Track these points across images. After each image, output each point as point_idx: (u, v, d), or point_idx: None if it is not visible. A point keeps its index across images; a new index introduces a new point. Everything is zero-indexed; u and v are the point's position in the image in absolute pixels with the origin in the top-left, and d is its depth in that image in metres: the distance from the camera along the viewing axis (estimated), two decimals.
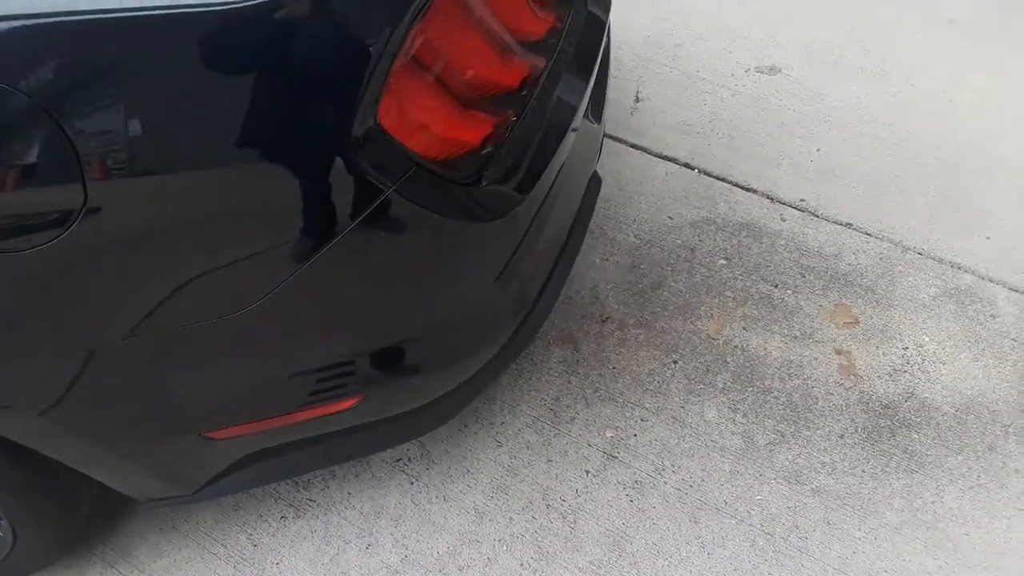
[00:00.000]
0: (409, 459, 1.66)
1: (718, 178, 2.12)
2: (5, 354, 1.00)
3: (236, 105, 0.88)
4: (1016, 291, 1.86)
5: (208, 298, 1.02)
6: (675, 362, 1.77)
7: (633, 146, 2.21)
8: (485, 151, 1.09)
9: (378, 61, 0.91)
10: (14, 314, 0.96)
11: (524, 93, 1.14)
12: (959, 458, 1.61)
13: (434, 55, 0.99)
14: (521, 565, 1.52)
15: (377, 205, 0.99)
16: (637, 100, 2.34)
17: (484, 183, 1.10)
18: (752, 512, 1.56)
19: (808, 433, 1.65)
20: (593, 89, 1.34)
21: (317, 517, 1.59)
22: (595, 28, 1.35)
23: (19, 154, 0.82)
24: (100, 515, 1.56)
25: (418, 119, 0.99)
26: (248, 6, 0.84)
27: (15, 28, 0.80)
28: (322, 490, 1.62)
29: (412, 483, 1.63)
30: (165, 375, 1.11)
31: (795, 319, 1.83)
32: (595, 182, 1.56)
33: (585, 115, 1.35)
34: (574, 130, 1.28)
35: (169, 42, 0.84)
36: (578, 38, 1.29)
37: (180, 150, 0.89)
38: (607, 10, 1.42)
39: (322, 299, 1.09)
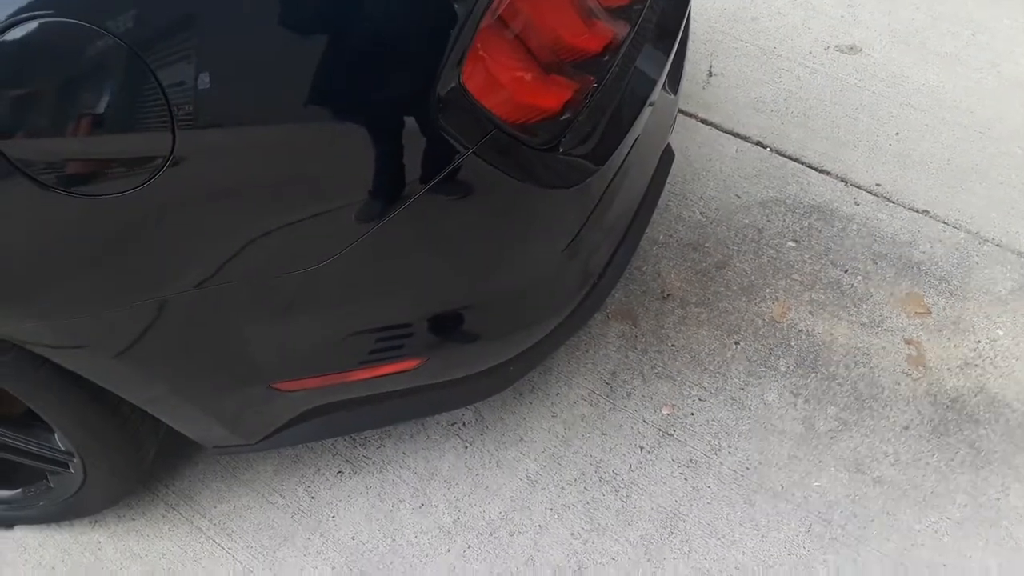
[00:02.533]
0: (464, 424, 1.67)
1: (791, 158, 2.07)
2: (84, 296, 1.02)
3: (322, 62, 0.88)
4: None
5: (281, 253, 1.03)
6: (736, 343, 1.75)
7: (703, 121, 2.16)
8: (564, 117, 1.07)
9: (465, 21, 0.90)
10: (94, 258, 0.98)
11: (606, 59, 1.12)
12: None
13: (520, 17, 0.98)
14: (572, 535, 1.52)
15: (454, 167, 0.99)
16: (710, 74, 2.29)
17: (561, 150, 1.09)
18: (810, 498, 1.53)
19: (872, 422, 1.62)
20: (672, 61, 1.31)
21: (372, 474, 1.61)
22: None
23: (112, 99, 0.83)
24: (163, 459, 1.60)
25: (501, 82, 0.98)
26: None
27: None
28: (378, 448, 1.65)
29: (466, 447, 1.64)
30: (235, 326, 1.13)
31: (864, 306, 1.78)
32: (668, 156, 1.54)
33: (663, 87, 1.32)
34: (651, 103, 1.25)
35: None
36: (662, 6, 1.26)
37: (263, 104, 0.89)
38: None
39: (391, 260, 1.10)
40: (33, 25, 0.80)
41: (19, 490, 1.48)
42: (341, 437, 1.65)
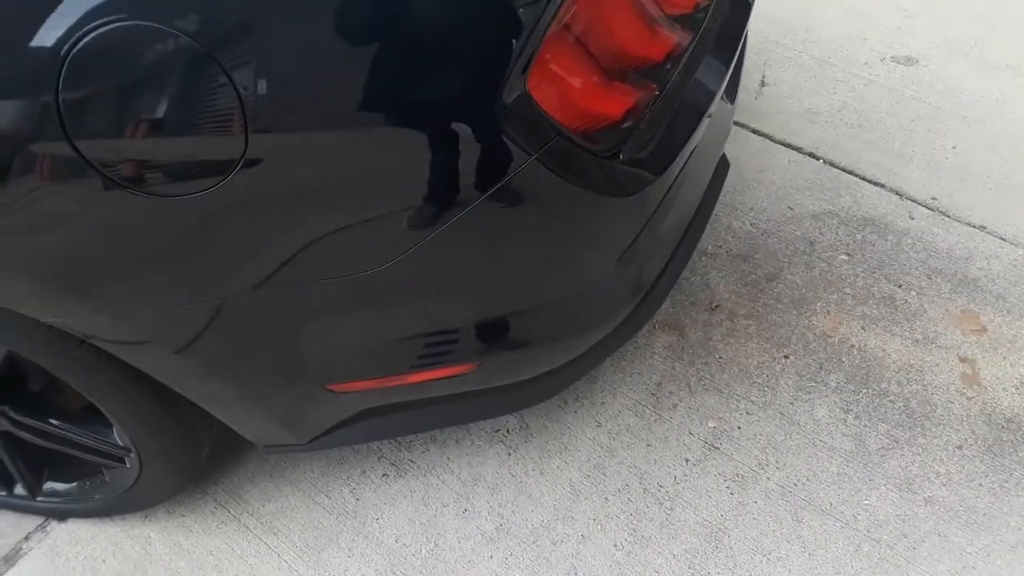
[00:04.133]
0: (508, 431, 1.67)
1: (844, 170, 2.04)
2: (149, 292, 1.04)
3: (391, 68, 0.88)
4: None
5: (341, 256, 1.04)
6: (786, 357, 1.72)
7: (755, 132, 2.15)
8: (626, 125, 1.07)
9: (532, 28, 0.90)
10: (161, 256, 1.00)
11: (668, 68, 1.12)
12: None
13: (585, 24, 0.98)
14: (615, 546, 1.51)
15: (516, 174, 0.99)
16: (763, 84, 2.27)
17: (621, 158, 1.08)
18: (859, 517, 1.51)
19: (924, 441, 1.59)
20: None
21: (417, 478, 1.62)
22: (741, 8, 1.31)
23: (190, 100, 0.84)
24: (214, 457, 1.62)
25: (565, 89, 0.98)
26: None
27: None
28: (423, 452, 1.65)
29: (510, 454, 1.64)
30: (293, 327, 1.14)
31: (918, 322, 1.75)
32: (723, 166, 1.52)
33: (721, 97, 1.31)
34: (710, 115, 1.24)
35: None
36: (724, 15, 1.25)
37: (332, 108, 0.90)
38: None
39: (450, 264, 1.10)
40: (107, 29, 0.81)
41: (75, 483, 1.51)
42: (387, 441, 1.66)
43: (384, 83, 0.89)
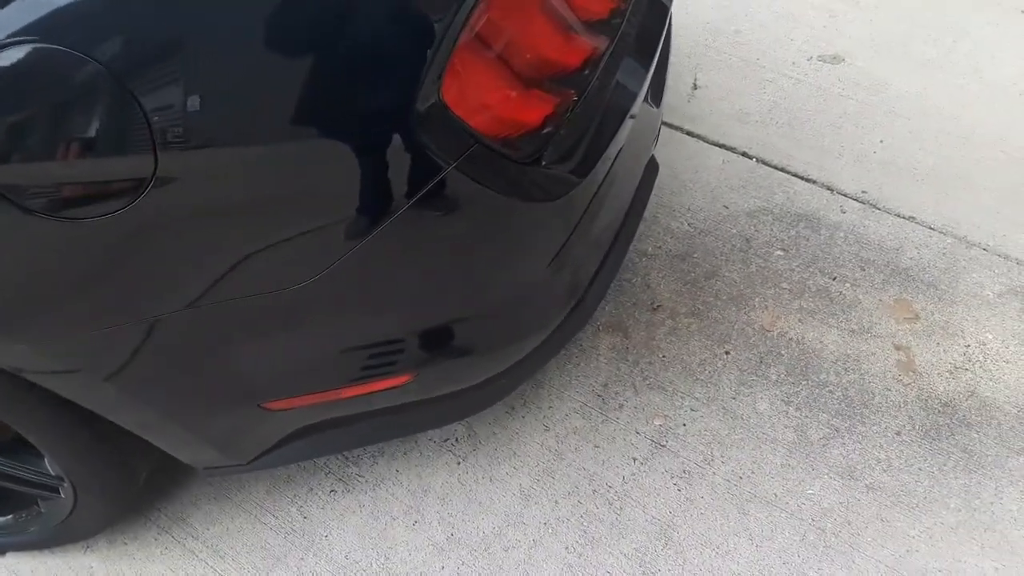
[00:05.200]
0: (456, 439, 1.67)
1: (776, 168, 2.08)
2: (72, 319, 1.03)
3: (300, 81, 0.89)
4: None
5: (267, 272, 1.03)
6: (727, 353, 1.75)
7: (689, 133, 2.18)
8: (545, 131, 1.08)
9: (443, 38, 0.91)
10: (82, 281, 0.98)
11: (586, 73, 1.13)
12: (1020, 459, 1.56)
13: (498, 33, 0.99)
14: (566, 549, 1.52)
15: (436, 183, 1.00)
16: (694, 87, 2.30)
17: (543, 163, 1.09)
18: (803, 506, 1.53)
19: (863, 429, 1.62)
20: (653, 73, 1.32)
21: (365, 492, 1.61)
22: (658, 11, 1.33)
23: (95, 122, 0.84)
24: (154, 482, 1.60)
25: (480, 97, 0.99)
26: None
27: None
28: (371, 466, 1.64)
29: (459, 463, 1.64)
30: (225, 346, 1.13)
31: (853, 313, 1.79)
32: (652, 168, 1.55)
33: (645, 99, 1.33)
34: (633, 116, 1.26)
35: (236, 17, 0.86)
36: (641, 20, 1.27)
37: (245, 124, 0.90)
38: None
39: (378, 276, 1.10)
40: (18, 51, 0.80)
41: (10, 516, 1.47)
42: (333, 456, 1.65)
43: (298, 97, 0.90)
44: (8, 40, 0.80)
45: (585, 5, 1.12)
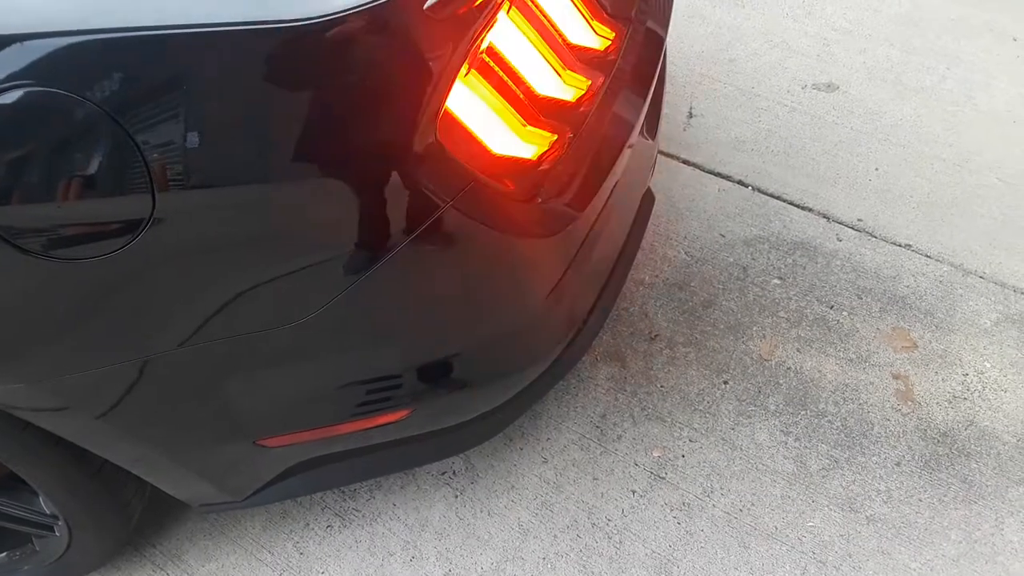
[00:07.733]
0: (454, 472, 1.66)
1: (773, 196, 2.09)
2: (66, 358, 1.02)
3: (298, 120, 0.89)
4: None
5: (264, 309, 1.03)
6: (725, 383, 1.74)
7: (685, 162, 2.19)
8: (541, 168, 1.09)
9: (439, 78, 0.92)
10: (76, 320, 0.98)
11: (581, 110, 1.14)
12: (1020, 489, 1.55)
13: (492, 73, 0.99)
14: None
15: (433, 220, 1.00)
16: (690, 116, 2.32)
17: (540, 199, 1.10)
18: (804, 539, 1.52)
19: (863, 459, 1.61)
20: (649, 105, 1.33)
21: (362, 527, 1.59)
22: (653, 45, 1.34)
23: (91, 164, 0.83)
24: (150, 518, 1.58)
25: (476, 136, 0.99)
26: (312, 23, 0.85)
27: (86, 41, 0.82)
28: (368, 500, 1.63)
29: (457, 496, 1.63)
30: (219, 384, 1.12)
31: (851, 342, 1.79)
32: (648, 199, 1.55)
33: (640, 132, 1.34)
34: (629, 147, 1.27)
35: (235, 57, 0.86)
36: (636, 55, 1.28)
37: (244, 163, 0.90)
38: (665, 27, 1.41)
39: (375, 312, 1.10)
40: (14, 95, 0.80)
41: (4, 554, 1.45)
42: (330, 491, 1.64)
43: (295, 136, 0.89)
44: (4, 84, 0.80)
45: (581, 43, 1.12)
